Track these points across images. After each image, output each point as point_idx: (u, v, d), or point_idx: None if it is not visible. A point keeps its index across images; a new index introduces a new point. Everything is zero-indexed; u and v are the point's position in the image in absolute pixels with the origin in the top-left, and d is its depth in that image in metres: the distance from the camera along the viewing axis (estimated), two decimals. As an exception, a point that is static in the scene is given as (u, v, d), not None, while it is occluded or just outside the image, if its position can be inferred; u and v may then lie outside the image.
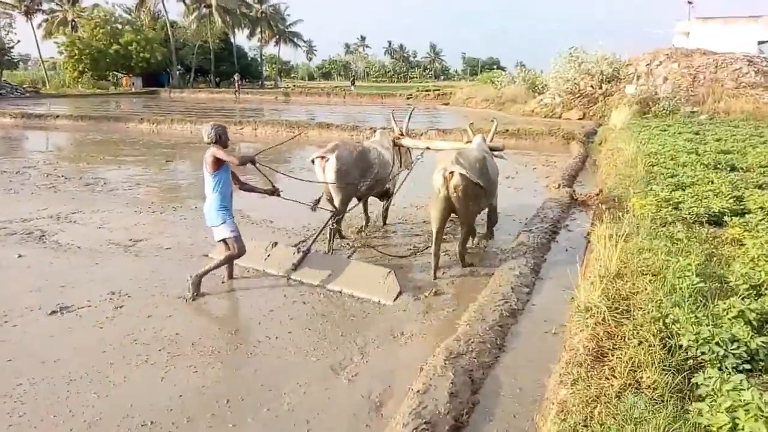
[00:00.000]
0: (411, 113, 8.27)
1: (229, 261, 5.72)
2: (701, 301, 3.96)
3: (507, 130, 18.80)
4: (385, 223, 8.19)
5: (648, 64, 26.27)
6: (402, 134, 7.90)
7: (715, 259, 5.13)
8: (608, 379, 3.01)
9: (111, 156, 14.94)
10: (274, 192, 6.10)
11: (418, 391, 3.53)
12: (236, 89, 44.67)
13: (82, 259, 6.52)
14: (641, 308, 3.85)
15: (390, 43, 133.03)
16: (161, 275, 6.00)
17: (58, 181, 11.13)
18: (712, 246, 5.55)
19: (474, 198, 5.87)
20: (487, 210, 7.11)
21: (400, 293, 5.52)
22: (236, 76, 46.28)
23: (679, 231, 5.77)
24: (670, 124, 17.27)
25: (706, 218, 6.73)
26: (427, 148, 7.76)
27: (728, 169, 9.93)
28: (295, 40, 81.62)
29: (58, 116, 25.24)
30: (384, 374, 4.04)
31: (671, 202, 7.32)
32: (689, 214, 6.77)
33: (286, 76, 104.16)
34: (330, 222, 6.65)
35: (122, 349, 4.36)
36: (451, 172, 5.64)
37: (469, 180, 5.65)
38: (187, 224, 8.04)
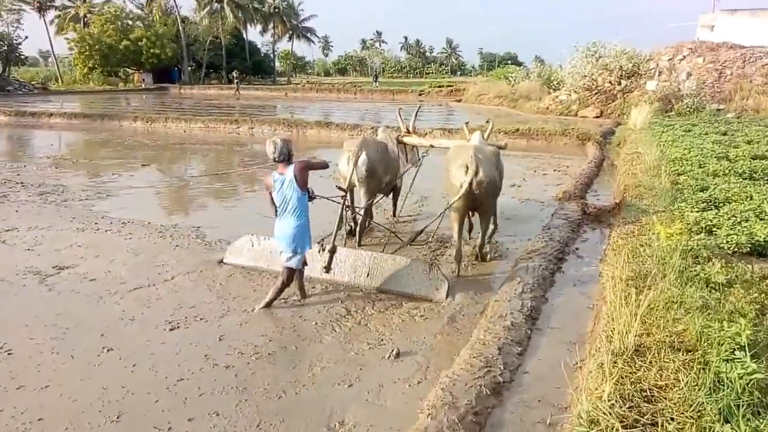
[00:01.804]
0: (417, 111, 8.16)
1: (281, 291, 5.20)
2: (761, 401, 2.71)
3: (518, 130, 17.47)
4: (395, 215, 8.23)
5: (670, 59, 24.66)
6: (408, 132, 7.75)
7: (768, 316, 3.85)
8: None
9: (86, 159, 13.87)
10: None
11: None
12: (236, 86, 43.72)
13: (-16, 295, 5.39)
14: (673, 419, 2.59)
15: (406, 38, 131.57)
16: (66, 320, 4.84)
17: (13, 189, 10.04)
18: (762, 293, 4.26)
19: (494, 193, 5.89)
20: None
21: (449, 287, 5.34)
22: (235, 73, 45.31)
23: (717, 272, 4.48)
24: (694, 123, 15.82)
25: (749, 248, 5.44)
26: (431, 146, 7.59)
27: (766, 178, 8.59)
28: (309, 35, 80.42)
29: (52, 114, 24.31)
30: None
31: (703, 226, 6.03)
32: (728, 243, 5.48)
33: (301, 72, 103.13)
34: (346, 215, 6.53)
35: (-47, 449, 3.21)
36: (476, 169, 5.51)
37: (492, 175, 5.67)
38: (129, 246, 6.87)
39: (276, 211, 5.04)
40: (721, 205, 6.85)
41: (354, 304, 5.20)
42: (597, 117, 23.35)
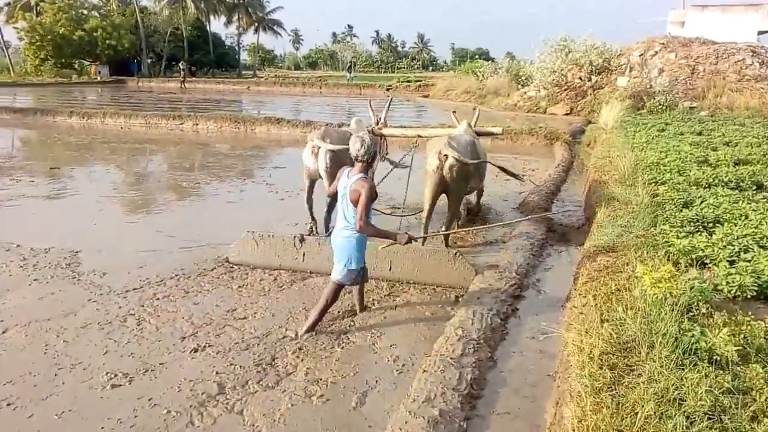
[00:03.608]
0: (389, 103, 8.15)
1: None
2: None
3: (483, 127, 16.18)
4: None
5: (642, 54, 23.73)
6: (379, 124, 7.56)
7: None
8: None
9: (-9, 162, 12.18)
10: None
11: None
12: (182, 78, 41.78)
13: None
14: None
15: (378, 32, 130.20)
16: None
17: None
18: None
19: (465, 179, 6.22)
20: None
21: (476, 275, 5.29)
22: (182, 64, 43.35)
23: (723, 339, 3.22)
24: (668, 122, 14.81)
25: (755, 291, 4.21)
26: (419, 136, 7.57)
27: (755, 187, 7.49)
28: (276, 28, 78.24)
29: (-21, 110, 22.26)
30: None
31: (694, 256, 4.80)
32: (728, 284, 4.24)
33: (270, 66, 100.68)
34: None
35: None
36: (446, 155, 5.99)
37: (463, 162, 6.02)
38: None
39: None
40: (711, 226, 5.64)
41: (234, 375, 3.80)
42: (567, 114, 22.34)
